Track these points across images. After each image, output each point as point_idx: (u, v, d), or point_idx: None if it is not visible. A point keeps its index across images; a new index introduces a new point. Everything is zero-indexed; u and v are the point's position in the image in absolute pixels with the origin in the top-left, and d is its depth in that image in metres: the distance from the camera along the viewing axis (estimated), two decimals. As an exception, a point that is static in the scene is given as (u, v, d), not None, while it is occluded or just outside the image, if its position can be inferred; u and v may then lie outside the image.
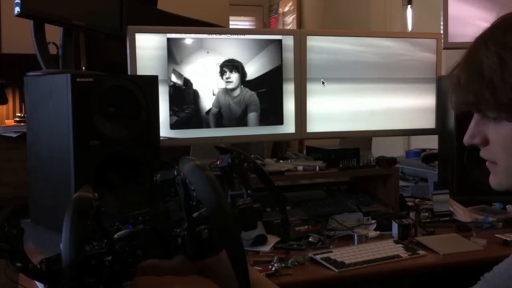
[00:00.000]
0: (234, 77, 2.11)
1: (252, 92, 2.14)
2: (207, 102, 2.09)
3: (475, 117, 0.87)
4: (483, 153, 0.88)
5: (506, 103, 0.80)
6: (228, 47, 2.11)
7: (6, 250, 0.83)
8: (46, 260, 0.84)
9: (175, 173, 0.90)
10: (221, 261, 0.94)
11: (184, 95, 2.06)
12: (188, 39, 2.06)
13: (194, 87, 2.07)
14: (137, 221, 0.88)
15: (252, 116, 2.14)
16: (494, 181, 0.88)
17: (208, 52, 2.08)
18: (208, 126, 2.10)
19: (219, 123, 2.11)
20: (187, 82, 2.06)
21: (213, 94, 2.09)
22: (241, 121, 2.14)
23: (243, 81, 2.13)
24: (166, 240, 0.87)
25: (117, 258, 0.84)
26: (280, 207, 1.11)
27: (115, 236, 0.86)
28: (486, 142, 0.86)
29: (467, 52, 0.86)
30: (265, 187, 1.07)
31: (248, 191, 0.98)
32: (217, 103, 2.10)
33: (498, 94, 0.80)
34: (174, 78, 2.04)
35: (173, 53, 2.03)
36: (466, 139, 0.88)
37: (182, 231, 0.87)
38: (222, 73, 2.10)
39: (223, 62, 2.10)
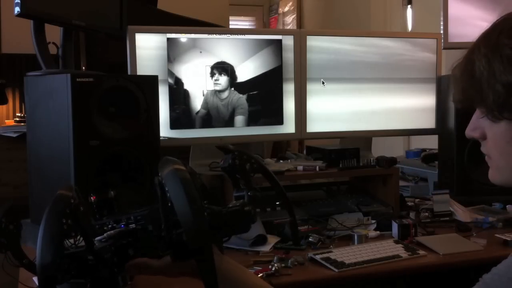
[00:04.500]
0: (223, 79, 2.10)
1: (240, 95, 2.13)
2: (198, 102, 2.09)
3: (477, 111, 0.89)
4: (482, 148, 0.91)
5: (490, 106, 0.83)
6: (222, 47, 2.10)
7: (4, 245, 0.85)
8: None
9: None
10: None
11: (175, 94, 2.05)
12: (182, 37, 2.06)
13: (185, 86, 2.07)
14: (130, 221, 0.88)
15: (239, 119, 2.14)
16: (490, 175, 0.91)
17: (201, 52, 2.08)
18: (199, 127, 2.09)
19: (208, 125, 2.10)
20: (178, 81, 2.06)
21: (203, 95, 2.09)
22: (228, 123, 2.13)
23: (232, 83, 2.12)
24: (155, 240, 0.87)
25: (98, 257, 0.84)
26: (288, 209, 1.08)
27: (105, 234, 0.86)
28: (484, 137, 0.89)
29: (468, 51, 0.88)
30: (272, 188, 1.06)
31: (249, 193, 0.98)
32: (205, 105, 2.09)
33: (484, 95, 0.82)
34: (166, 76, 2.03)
35: (168, 51, 2.03)
36: (467, 132, 0.91)
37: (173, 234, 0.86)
38: (211, 74, 2.10)
39: (214, 64, 2.09)
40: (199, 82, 2.08)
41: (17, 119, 4.30)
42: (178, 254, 0.87)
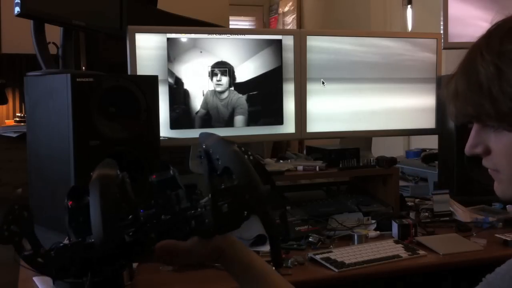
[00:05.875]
0: (225, 80, 2.11)
1: (240, 95, 2.13)
2: (198, 102, 2.09)
3: (475, 126, 0.85)
4: (485, 162, 0.87)
5: (506, 113, 0.78)
6: (222, 47, 2.10)
7: (17, 234, 0.79)
8: (57, 247, 0.81)
9: (171, 172, 0.90)
10: (235, 247, 0.94)
11: (175, 94, 2.06)
12: (183, 37, 2.06)
13: (185, 86, 2.07)
14: (149, 206, 0.87)
15: (239, 119, 2.14)
16: (499, 189, 0.87)
17: (201, 52, 2.08)
18: (199, 127, 2.09)
19: (208, 125, 2.10)
20: (178, 81, 2.06)
21: (203, 95, 2.09)
22: (228, 123, 2.13)
23: (232, 83, 2.12)
24: (179, 223, 0.86)
25: (139, 234, 0.82)
26: (278, 199, 1.09)
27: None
28: (488, 151, 0.85)
29: (463, 62, 0.84)
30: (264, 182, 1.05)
31: None
32: (205, 105, 2.09)
33: (498, 104, 0.78)
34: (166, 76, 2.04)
35: (168, 51, 2.03)
36: (468, 149, 0.86)
37: (196, 213, 0.85)
38: (212, 75, 2.10)
39: (214, 64, 2.09)
40: (199, 82, 2.08)
41: (17, 119, 4.31)
42: (222, 226, 0.86)
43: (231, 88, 2.12)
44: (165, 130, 2.00)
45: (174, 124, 2.05)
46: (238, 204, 0.83)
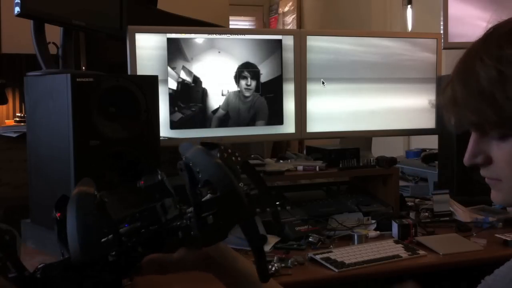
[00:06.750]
0: (253, 84, 2.12)
1: (263, 99, 2.14)
2: (214, 102, 2.09)
3: (474, 136, 0.82)
4: (484, 172, 0.84)
5: (510, 118, 0.75)
6: (240, 49, 2.11)
7: (1, 259, 0.78)
8: (43, 267, 0.80)
9: (159, 177, 0.89)
10: (226, 255, 0.94)
11: (191, 93, 2.06)
12: (199, 38, 2.07)
13: (203, 85, 2.08)
14: (134, 219, 0.87)
15: (260, 124, 2.15)
16: (499, 198, 0.84)
17: (219, 52, 2.09)
18: (210, 126, 2.09)
19: (223, 125, 2.11)
20: (196, 80, 2.06)
21: (222, 95, 2.09)
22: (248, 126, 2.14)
23: (259, 87, 2.13)
24: (166, 235, 0.86)
25: (123, 251, 0.81)
26: (269, 200, 1.09)
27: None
28: (489, 161, 0.82)
29: (459, 68, 0.82)
30: (253, 183, 1.04)
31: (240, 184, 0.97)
32: (226, 106, 2.10)
33: (501, 109, 0.75)
34: (183, 75, 2.05)
35: (184, 50, 2.04)
36: (468, 160, 0.84)
37: (182, 224, 0.85)
38: (241, 78, 2.10)
39: (241, 67, 2.10)
40: (217, 81, 2.09)
41: (17, 119, 4.29)
42: (207, 238, 0.85)
43: (255, 92, 2.13)
44: (165, 130, 2.00)
45: (182, 121, 2.05)
46: (223, 214, 0.82)
